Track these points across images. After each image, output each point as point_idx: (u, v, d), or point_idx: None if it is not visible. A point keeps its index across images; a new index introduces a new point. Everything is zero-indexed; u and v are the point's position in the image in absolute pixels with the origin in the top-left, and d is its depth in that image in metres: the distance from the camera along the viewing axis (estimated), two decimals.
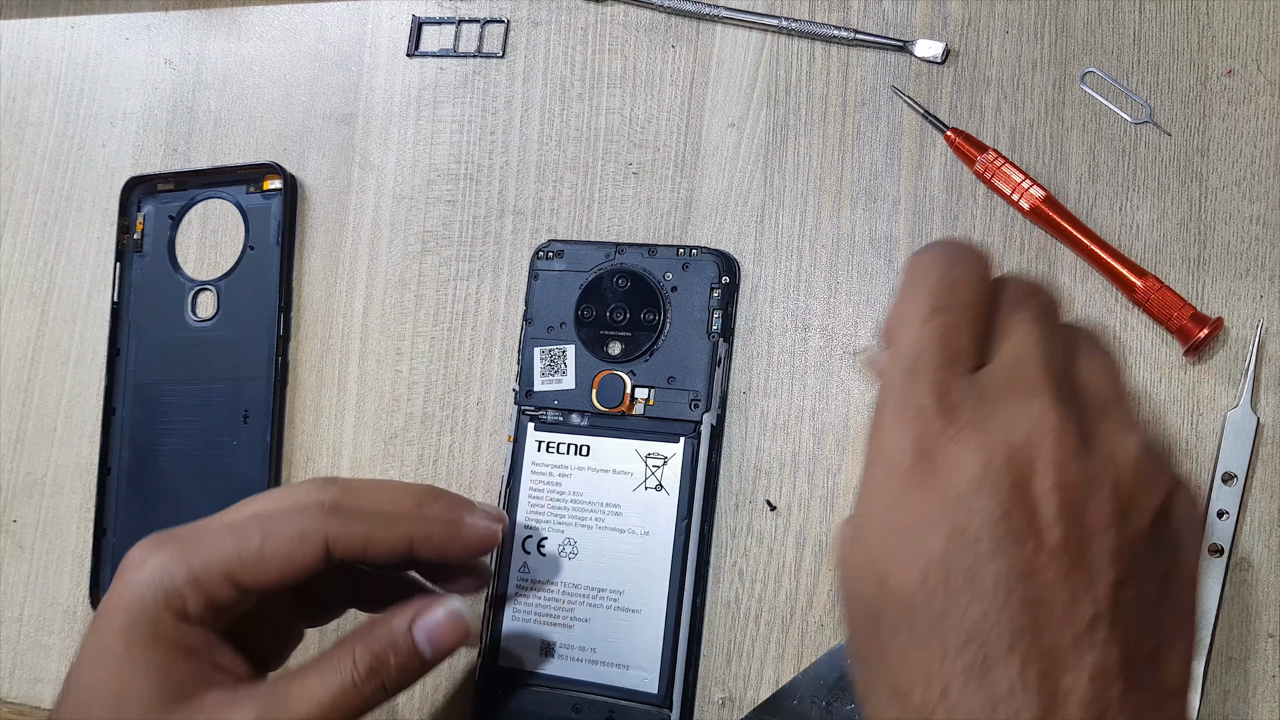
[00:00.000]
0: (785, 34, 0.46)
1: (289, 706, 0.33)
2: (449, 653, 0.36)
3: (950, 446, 0.27)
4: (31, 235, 0.55)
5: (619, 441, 0.44)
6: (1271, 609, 0.39)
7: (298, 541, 0.35)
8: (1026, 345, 0.29)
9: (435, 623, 0.36)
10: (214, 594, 0.34)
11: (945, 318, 0.29)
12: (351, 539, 0.36)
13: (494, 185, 0.49)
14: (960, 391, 0.27)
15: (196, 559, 0.34)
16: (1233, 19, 0.42)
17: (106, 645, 0.34)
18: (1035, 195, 0.42)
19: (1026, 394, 0.27)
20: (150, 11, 0.56)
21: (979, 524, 0.26)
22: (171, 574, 0.34)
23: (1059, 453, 0.27)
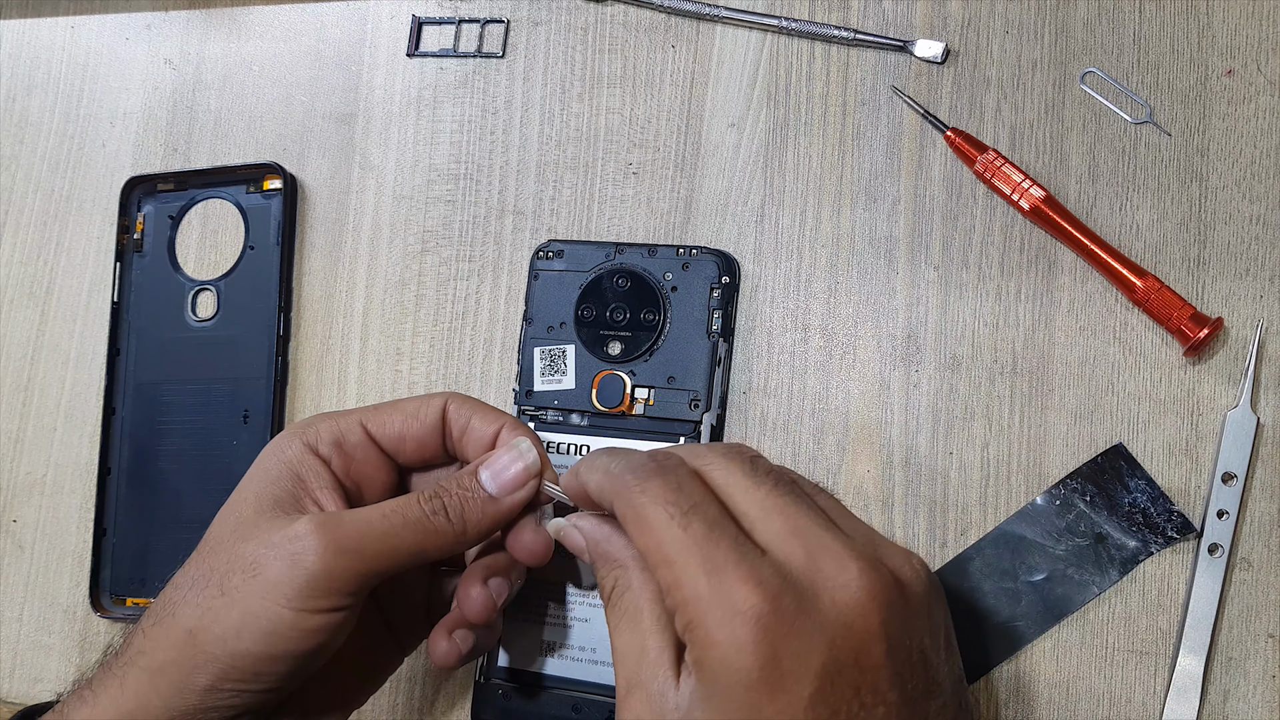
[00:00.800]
0: (785, 34, 0.46)
1: (351, 513, 0.36)
2: (513, 491, 0.37)
3: (793, 645, 0.28)
4: (31, 235, 0.55)
5: (619, 441, 0.44)
6: (1271, 609, 0.39)
7: (423, 400, 0.39)
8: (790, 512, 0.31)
9: (496, 458, 0.37)
10: (345, 433, 0.38)
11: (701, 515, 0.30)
12: (462, 409, 0.39)
13: (494, 185, 0.49)
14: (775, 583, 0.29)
15: (340, 413, 0.39)
16: (1233, 19, 0.42)
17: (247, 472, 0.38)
18: (1035, 195, 0.42)
19: (834, 565, 0.29)
20: (150, 11, 0.56)
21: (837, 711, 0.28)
22: (313, 420, 0.39)
23: (884, 614, 0.29)
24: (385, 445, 0.39)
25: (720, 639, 0.28)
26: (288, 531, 0.34)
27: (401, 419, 0.39)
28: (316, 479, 0.37)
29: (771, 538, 0.30)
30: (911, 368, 0.43)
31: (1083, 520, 0.40)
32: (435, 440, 0.39)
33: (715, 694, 0.29)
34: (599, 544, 0.34)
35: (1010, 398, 0.42)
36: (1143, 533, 0.39)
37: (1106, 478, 0.40)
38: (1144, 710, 0.39)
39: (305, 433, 0.38)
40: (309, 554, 0.34)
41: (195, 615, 0.34)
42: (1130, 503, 0.40)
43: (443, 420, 0.39)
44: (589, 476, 0.34)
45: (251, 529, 0.35)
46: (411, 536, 0.35)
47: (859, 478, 0.43)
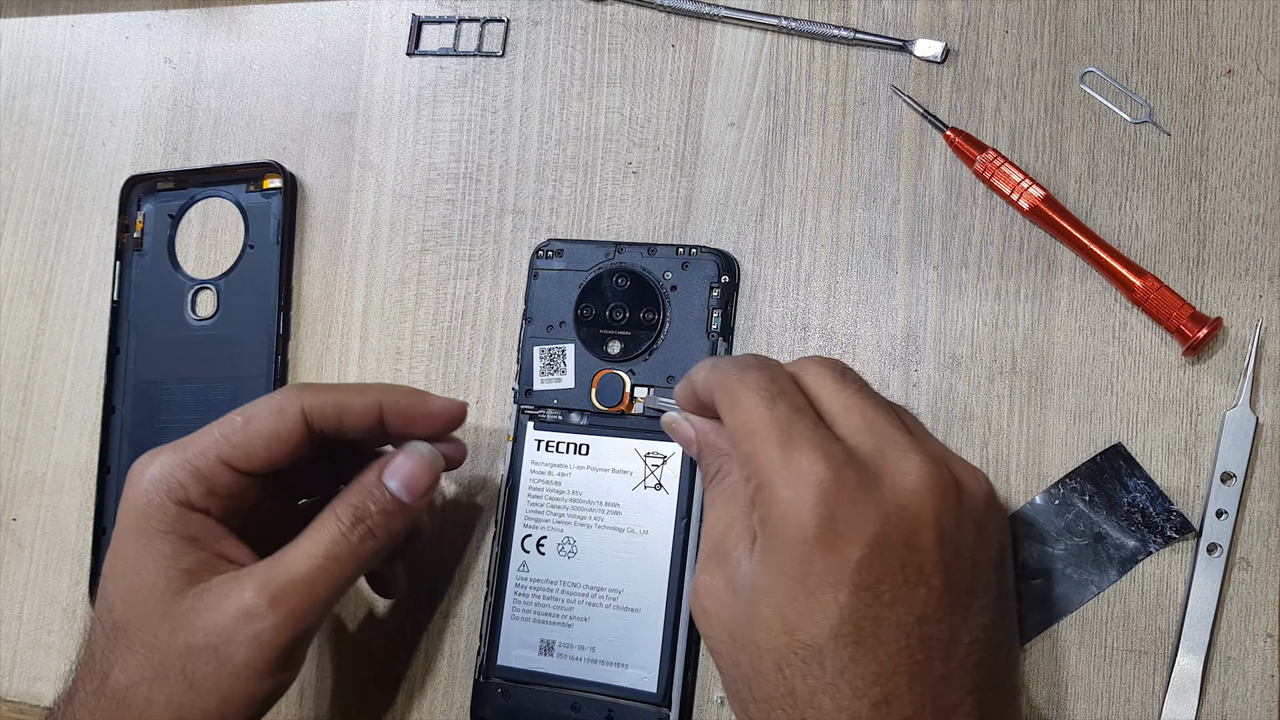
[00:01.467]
0: (785, 33, 0.46)
1: (287, 568, 0.36)
2: (426, 492, 0.39)
3: (849, 511, 0.31)
4: (31, 234, 0.55)
5: (618, 440, 0.44)
6: (1270, 608, 0.39)
7: (277, 415, 0.38)
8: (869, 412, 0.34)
9: (400, 466, 0.38)
10: (211, 479, 0.37)
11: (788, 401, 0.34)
12: (325, 407, 0.38)
13: (494, 184, 0.49)
14: (841, 457, 0.32)
15: (190, 451, 0.37)
16: (1233, 19, 0.42)
17: (120, 545, 0.37)
18: (1035, 195, 0.42)
19: (899, 454, 0.32)
20: (150, 10, 0.56)
21: (881, 580, 0.31)
22: (170, 469, 0.37)
23: (939, 505, 0.32)
24: (255, 471, 0.38)
25: (783, 497, 0.31)
26: (237, 610, 0.35)
27: (264, 443, 0.37)
28: (209, 533, 0.37)
29: (848, 430, 0.33)
30: (911, 367, 0.43)
31: (1082, 520, 0.40)
32: (303, 444, 0.38)
33: (774, 549, 0.32)
34: (706, 434, 0.37)
35: (1009, 397, 0.42)
36: (1141, 532, 0.39)
37: (1105, 477, 0.40)
38: (1143, 710, 0.39)
39: (170, 491, 0.36)
40: (269, 630, 0.35)
41: (169, 713, 0.35)
42: (1129, 502, 0.40)
43: (306, 424, 0.38)
44: (698, 375, 0.37)
45: (187, 616, 0.35)
46: (346, 569, 0.36)
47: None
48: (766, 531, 0.32)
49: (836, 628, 0.30)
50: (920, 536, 0.31)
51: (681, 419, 0.38)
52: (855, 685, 0.30)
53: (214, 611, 0.35)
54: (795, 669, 0.31)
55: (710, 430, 0.37)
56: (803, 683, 0.31)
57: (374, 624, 0.47)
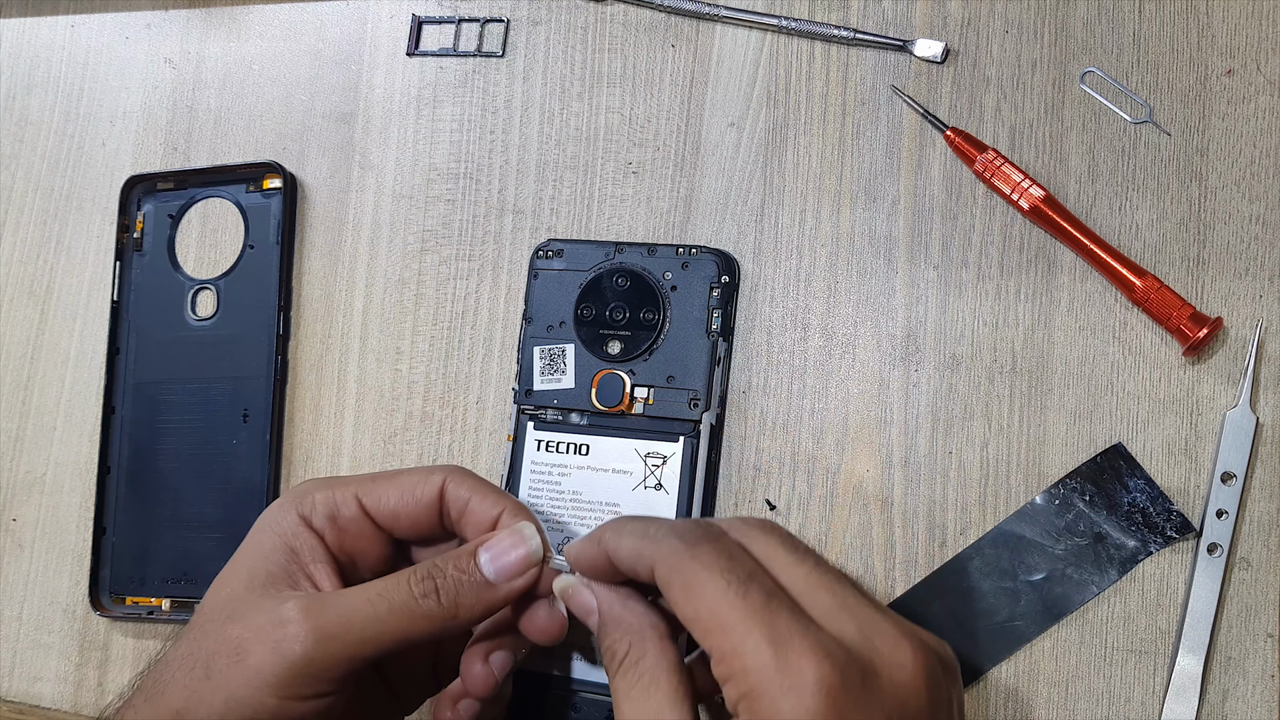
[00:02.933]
0: (785, 33, 0.46)
1: (339, 597, 0.35)
2: (512, 578, 0.36)
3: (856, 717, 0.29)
4: (31, 234, 0.55)
5: (618, 441, 0.44)
6: (1271, 609, 0.39)
7: (422, 476, 0.38)
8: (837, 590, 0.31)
9: (498, 542, 0.36)
10: (340, 507, 0.38)
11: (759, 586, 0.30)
12: (460, 489, 0.38)
13: (494, 184, 0.49)
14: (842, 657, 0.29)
15: (337, 483, 0.38)
16: (1233, 19, 0.42)
17: (244, 541, 0.38)
18: (1035, 195, 0.42)
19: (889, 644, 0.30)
20: (150, 10, 0.56)
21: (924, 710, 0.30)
22: (311, 488, 0.38)
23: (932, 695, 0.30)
24: (380, 521, 0.38)
25: (785, 708, 0.28)
26: (274, 615, 0.34)
27: (398, 495, 0.38)
28: (311, 553, 0.37)
29: (822, 612, 0.30)
30: (911, 367, 0.43)
31: (1082, 520, 0.40)
32: (432, 518, 0.38)
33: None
34: (613, 606, 0.33)
35: (1009, 397, 0.42)
36: (1142, 532, 0.39)
37: (1106, 477, 0.40)
38: (1143, 710, 0.39)
39: (300, 504, 0.37)
40: (293, 641, 0.33)
41: (182, 697, 0.34)
42: (1129, 502, 0.40)
43: (440, 499, 0.38)
44: (618, 542, 0.33)
45: (241, 607, 0.35)
46: (398, 621, 0.34)
47: (858, 477, 0.43)
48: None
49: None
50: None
51: (581, 585, 0.34)
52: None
53: (257, 610, 0.35)
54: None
55: (617, 602, 0.33)
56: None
57: None
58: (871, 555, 0.42)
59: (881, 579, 0.42)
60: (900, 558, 0.42)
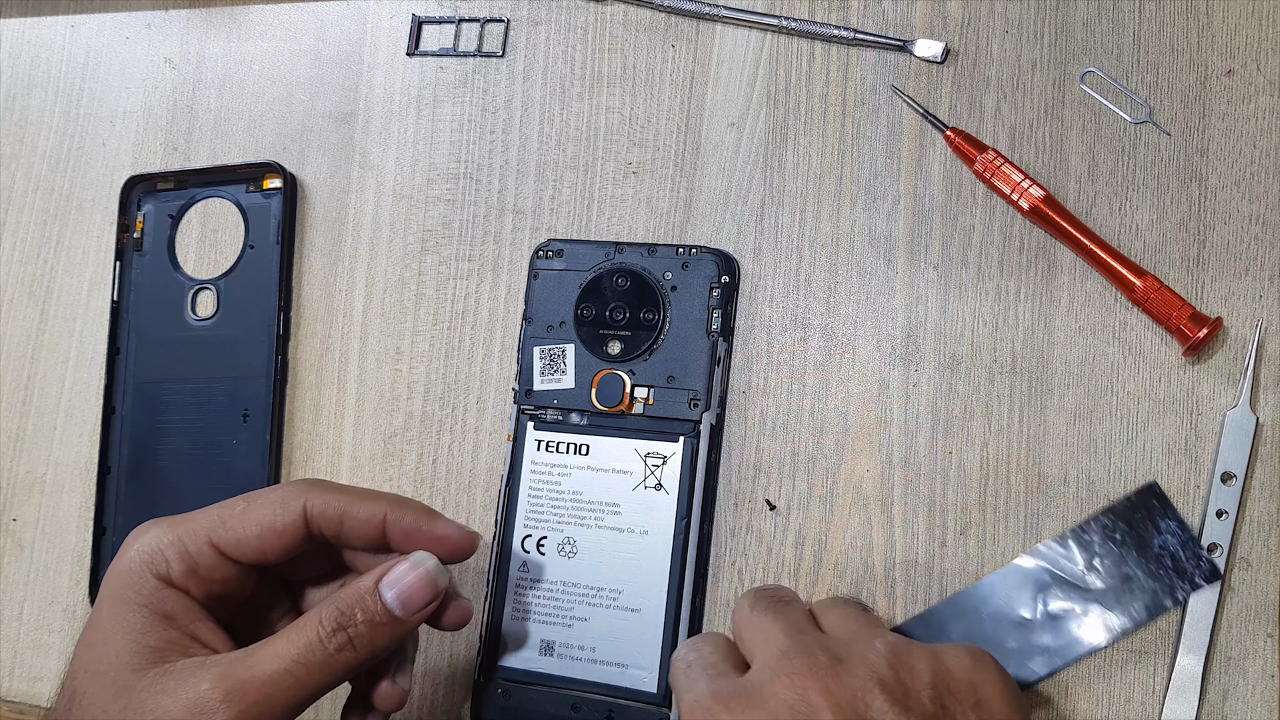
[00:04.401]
0: (785, 33, 0.46)
1: (253, 665, 0.34)
2: (420, 610, 0.36)
3: None
4: (31, 234, 0.55)
5: (618, 441, 0.44)
6: (1271, 608, 0.39)
7: (278, 505, 0.36)
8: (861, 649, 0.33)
9: (399, 576, 0.35)
10: (196, 558, 0.35)
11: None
12: (327, 508, 0.36)
13: (494, 184, 0.49)
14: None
15: (183, 526, 0.36)
16: (1233, 19, 0.42)
17: (96, 612, 0.35)
18: (1035, 195, 0.42)
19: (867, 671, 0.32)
20: (150, 10, 0.56)
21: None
22: (158, 541, 0.35)
23: None
24: (244, 560, 0.36)
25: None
26: (192, 700, 0.33)
27: (257, 531, 0.36)
28: (185, 614, 0.35)
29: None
30: (911, 367, 0.43)
31: (1110, 559, 0.39)
32: (298, 543, 0.36)
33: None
34: None
35: (1009, 397, 0.42)
36: (1170, 577, 0.38)
37: (1138, 517, 0.39)
38: (1143, 710, 0.39)
39: (153, 564, 0.35)
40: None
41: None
42: (1160, 545, 0.39)
43: (304, 521, 0.36)
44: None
45: (140, 695, 0.33)
46: (318, 679, 0.34)
47: (858, 477, 0.43)
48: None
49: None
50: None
51: None
52: None
53: (167, 697, 0.33)
54: None
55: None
56: None
57: None
58: (871, 555, 0.42)
59: (881, 579, 0.42)
60: (900, 558, 0.42)
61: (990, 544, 0.41)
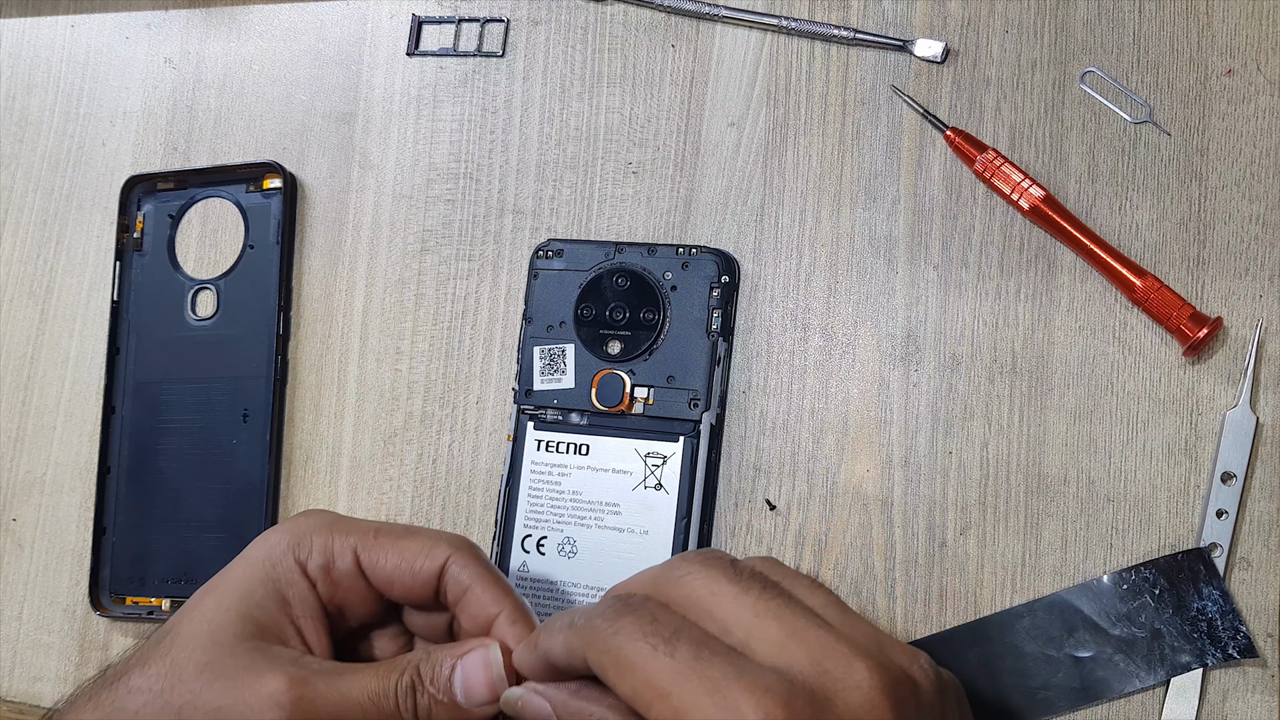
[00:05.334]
0: (785, 33, 0.46)
1: (332, 684, 0.34)
2: (480, 704, 0.35)
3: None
4: (31, 234, 0.55)
5: (618, 441, 0.44)
6: (1271, 609, 0.39)
7: (425, 548, 0.36)
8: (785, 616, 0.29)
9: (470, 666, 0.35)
10: (337, 562, 0.36)
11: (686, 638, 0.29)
12: (462, 574, 0.36)
13: (494, 184, 0.49)
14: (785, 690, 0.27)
15: (340, 525, 0.37)
16: (1233, 19, 0.42)
17: (231, 568, 0.36)
18: (1035, 195, 0.42)
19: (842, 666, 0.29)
20: (150, 10, 0.56)
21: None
22: (310, 527, 0.36)
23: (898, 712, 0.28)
24: (375, 583, 0.37)
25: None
26: (261, 690, 0.33)
27: (396, 561, 0.36)
28: (302, 605, 0.36)
29: (769, 646, 0.29)
30: (911, 367, 0.43)
31: (1145, 612, 0.39)
32: (427, 591, 0.37)
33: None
34: (567, 703, 0.32)
35: (1009, 397, 0.42)
36: (1203, 643, 0.38)
37: (1181, 577, 0.38)
38: (1143, 709, 0.39)
39: (298, 547, 0.36)
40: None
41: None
42: (1198, 609, 0.38)
43: (440, 576, 0.36)
44: (551, 641, 0.32)
45: (227, 662, 0.34)
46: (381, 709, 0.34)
47: (858, 477, 0.43)
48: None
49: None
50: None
51: (528, 692, 0.33)
52: None
53: (245, 675, 0.34)
54: None
55: (570, 697, 0.32)
56: None
57: None
58: (871, 555, 0.42)
59: (881, 579, 0.42)
60: (900, 558, 0.42)
61: (990, 544, 0.41)
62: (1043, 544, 0.41)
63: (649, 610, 0.30)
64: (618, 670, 0.29)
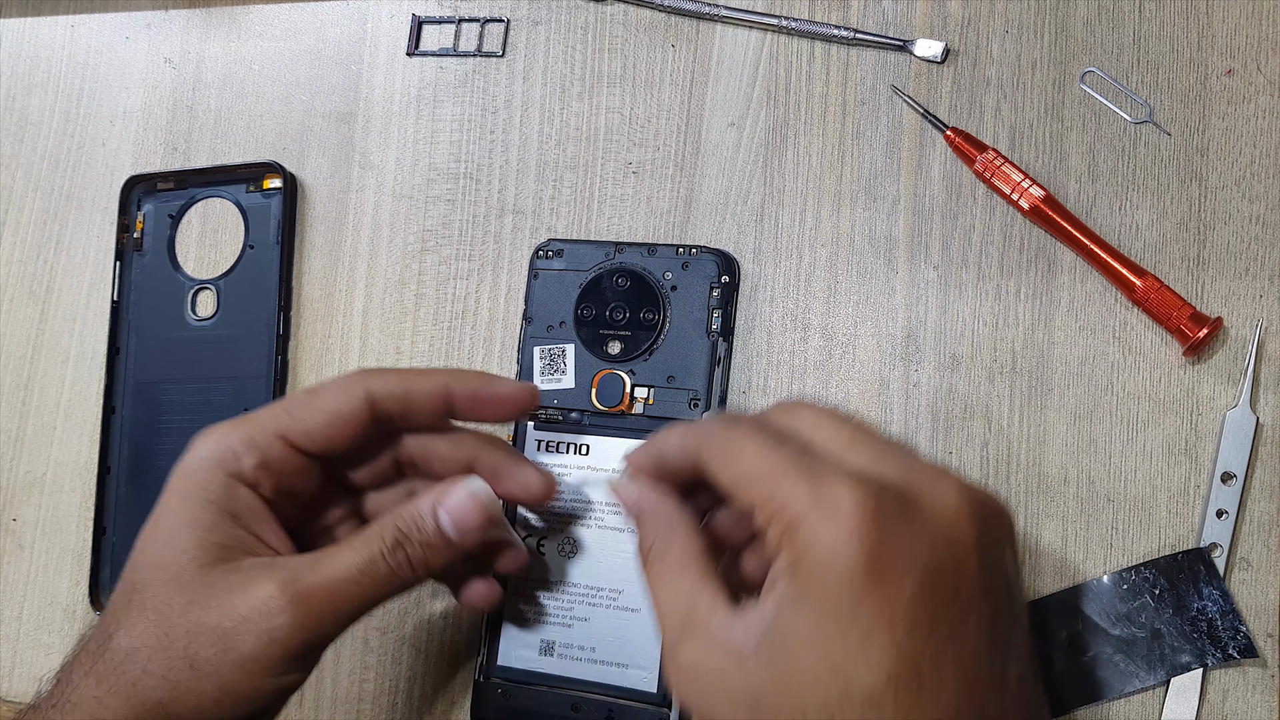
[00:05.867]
0: (785, 33, 0.46)
1: (318, 572, 0.35)
2: (474, 533, 0.37)
3: (896, 540, 0.29)
4: (31, 234, 0.55)
5: (618, 440, 0.44)
6: (1271, 609, 0.39)
7: (343, 392, 0.37)
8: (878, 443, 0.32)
9: (456, 501, 0.37)
10: (266, 451, 0.36)
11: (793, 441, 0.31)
12: (390, 387, 0.37)
13: (494, 184, 0.49)
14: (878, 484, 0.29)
15: (250, 423, 0.36)
16: (1233, 19, 0.42)
17: (161, 510, 0.36)
18: (1035, 195, 0.42)
19: (931, 478, 0.30)
20: (150, 10, 0.56)
21: (936, 614, 0.28)
22: (227, 438, 0.36)
23: (980, 528, 0.29)
24: (312, 450, 0.37)
25: (824, 536, 0.28)
26: (255, 602, 0.34)
27: (325, 420, 0.37)
28: (252, 514, 0.36)
29: (865, 461, 0.31)
30: (911, 367, 0.43)
31: (1145, 612, 0.39)
32: (365, 427, 0.37)
33: (814, 591, 0.28)
34: (648, 503, 0.35)
35: (1010, 397, 0.42)
36: (1203, 642, 0.38)
37: (1181, 577, 0.39)
38: (1143, 709, 0.39)
39: (223, 461, 0.36)
40: (283, 629, 0.34)
41: (165, 689, 0.34)
42: (1198, 609, 0.38)
43: (370, 406, 0.37)
44: (666, 442, 0.34)
45: (206, 591, 0.34)
46: (380, 589, 0.35)
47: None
48: (802, 574, 0.29)
49: (894, 670, 0.27)
50: (967, 563, 0.29)
51: (626, 483, 0.36)
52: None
53: (234, 595, 0.34)
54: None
55: (652, 499, 0.35)
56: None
57: (375, 625, 0.47)
58: None
59: None
60: None
61: None
62: (1043, 544, 0.41)
63: (760, 421, 0.33)
64: (725, 459, 0.32)
